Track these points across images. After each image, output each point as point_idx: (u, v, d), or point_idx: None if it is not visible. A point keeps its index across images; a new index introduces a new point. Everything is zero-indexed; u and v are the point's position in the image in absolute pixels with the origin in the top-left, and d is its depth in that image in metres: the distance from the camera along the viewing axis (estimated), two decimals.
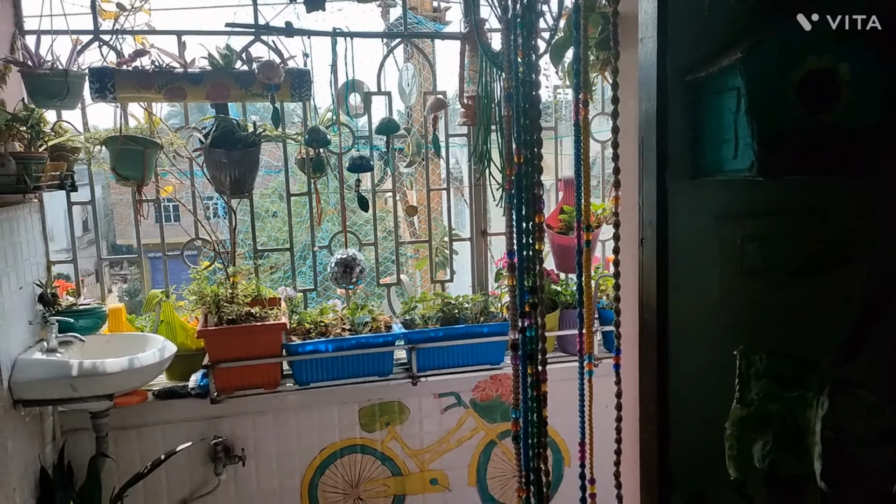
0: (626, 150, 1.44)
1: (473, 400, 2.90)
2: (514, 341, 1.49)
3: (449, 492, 2.93)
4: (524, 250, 1.47)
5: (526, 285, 1.47)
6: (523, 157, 1.43)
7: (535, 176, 1.44)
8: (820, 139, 1.15)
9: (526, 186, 1.45)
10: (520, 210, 1.46)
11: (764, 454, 1.09)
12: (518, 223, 1.47)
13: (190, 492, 2.71)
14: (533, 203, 1.45)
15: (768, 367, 1.12)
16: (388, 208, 3.02)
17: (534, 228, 1.45)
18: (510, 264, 1.48)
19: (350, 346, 2.66)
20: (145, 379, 2.38)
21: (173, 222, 3.52)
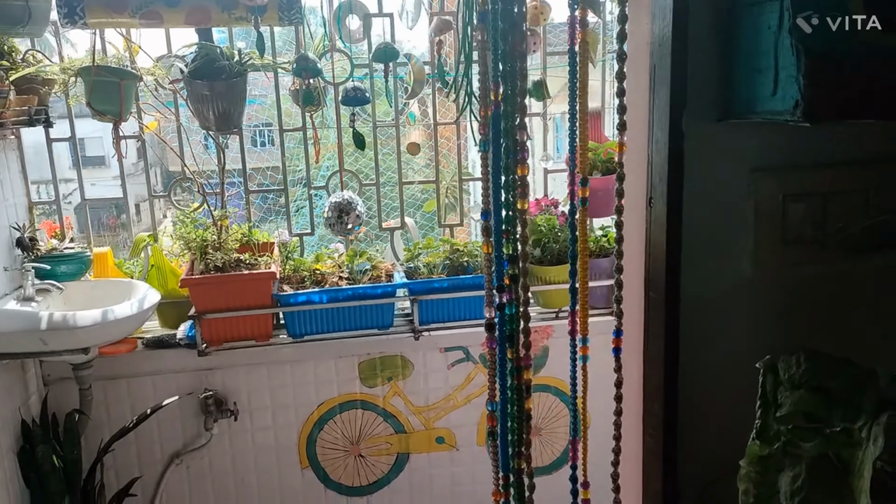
0: (634, 84, 1.14)
1: (483, 355, 2.68)
2: (490, 321, 1.24)
3: (456, 450, 2.75)
4: (503, 210, 1.21)
5: (505, 253, 1.21)
6: (501, 94, 1.14)
7: (517, 117, 1.16)
8: (890, 71, 0.84)
9: (505, 130, 1.17)
10: (497, 160, 1.19)
11: (793, 490, 0.83)
12: (495, 175, 1.20)
13: (183, 444, 2.59)
14: (514, 151, 1.17)
15: (806, 379, 0.84)
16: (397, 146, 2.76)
17: (514, 183, 1.18)
18: (485, 227, 1.22)
19: (346, 297, 2.45)
20: (122, 332, 2.22)
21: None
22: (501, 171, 1.22)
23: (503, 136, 1.19)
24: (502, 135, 1.20)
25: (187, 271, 2.40)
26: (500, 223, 1.23)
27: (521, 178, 1.21)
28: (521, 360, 1.25)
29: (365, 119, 2.81)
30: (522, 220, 1.23)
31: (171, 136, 2.76)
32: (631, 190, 1.24)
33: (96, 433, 2.50)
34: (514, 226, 1.23)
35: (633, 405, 1.29)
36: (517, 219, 1.23)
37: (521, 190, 1.22)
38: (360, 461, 2.71)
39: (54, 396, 2.46)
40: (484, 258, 1.24)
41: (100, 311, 2.09)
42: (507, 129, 1.17)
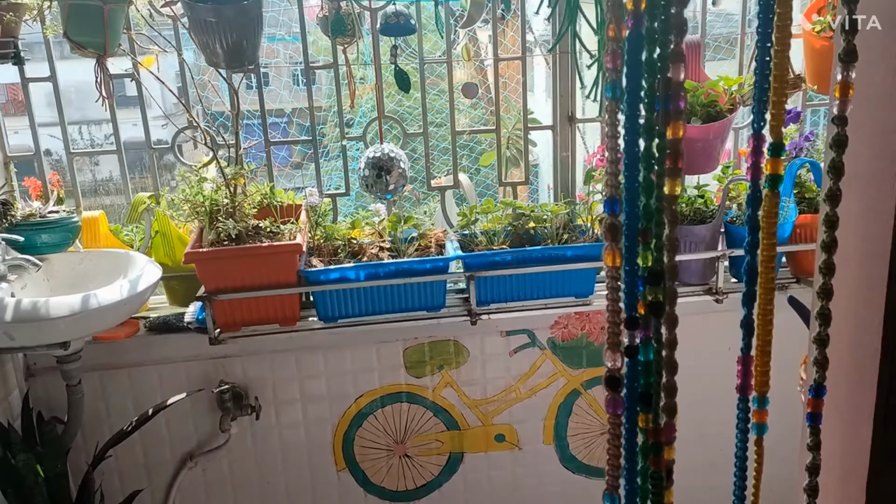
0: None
1: (552, 339, 2.23)
2: (615, 372, 0.78)
3: (519, 450, 2.33)
4: (641, 196, 0.74)
5: (641, 266, 0.76)
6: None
7: (672, 40, 0.68)
8: None
9: (648, 64, 0.68)
10: (634, 110, 0.71)
11: None
12: (630, 139, 0.73)
13: (197, 444, 2.20)
14: (665, 97, 0.69)
15: None
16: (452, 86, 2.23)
17: (661, 153, 0.71)
18: (610, 224, 0.74)
19: (388, 273, 1.99)
20: (110, 321, 1.80)
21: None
22: (640, 132, 0.75)
23: (645, 72, 0.71)
24: (644, 70, 0.72)
25: (193, 242, 1.96)
26: (634, 218, 0.77)
27: (674, 144, 0.73)
28: (662, 433, 0.80)
29: (410, 54, 2.30)
30: (672, 213, 0.76)
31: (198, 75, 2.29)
32: (857, 159, 0.76)
33: (94, 432, 2.12)
34: (658, 223, 0.76)
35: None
36: (664, 211, 0.75)
37: (673, 163, 0.73)
38: (406, 462, 2.30)
39: (41, 391, 2.07)
40: (608, 273, 0.77)
41: (78, 298, 1.66)
42: (653, 63, 0.68)
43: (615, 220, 0.78)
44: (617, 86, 0.73)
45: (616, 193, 0.77)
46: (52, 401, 2.07)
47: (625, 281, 0.79)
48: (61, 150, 2.13)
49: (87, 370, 2.06)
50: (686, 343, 0.86)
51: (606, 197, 0.79)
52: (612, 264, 0.78)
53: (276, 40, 4.32)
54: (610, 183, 0.80)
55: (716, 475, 2.38)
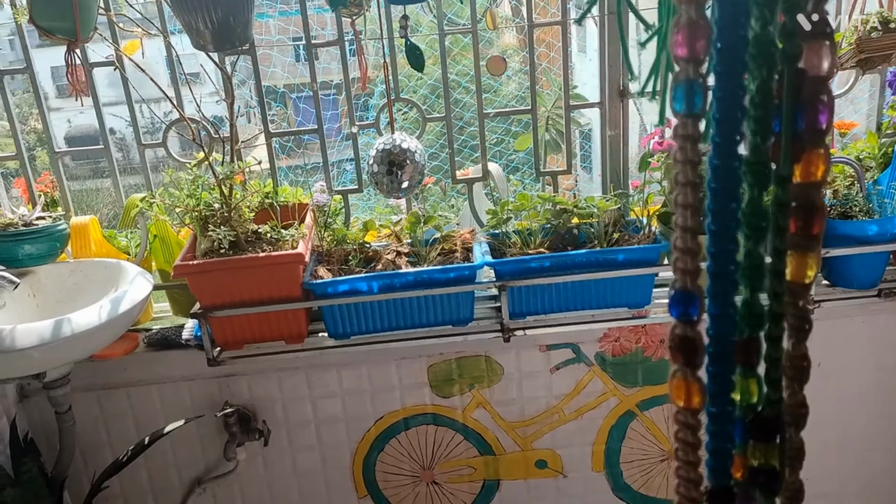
0: None
1: (601, 354, 1.91)
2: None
3: (563, 477, 2.04)
4: (742, 284, 0.43)
5: (740, 402, 0.45)
6: None
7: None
8: None
9: (757, 40, 0.36)
10: (730, 131, 0.39)
11: None
12: (723, 179, 0.41)
13: (205, 469, 2.00)
14: (800, 99, 0.37)
15: None
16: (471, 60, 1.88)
17: (786, 204, 0.39)
18: (682, 338, 0.44)
19: (405, 284, 1.71)
20: (90, 347, 1.60)
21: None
22: (742, 173, 0.44)
23: (754, 61, 0.39)
24: (753, 56, 0.40)
25: (185, 252, 1.73)
26: (726, 324, 0.47)
27: (807, 194, 0.42)
28: None
29: (431, 22, 1.98)
30: (800, 313, 0.45)
31: (190, 58, 2.05)
32: None
33: (95, 456, 1.95)
34: (772, 333, 0.46)
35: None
36: (786, 311, 0.45)
37: (804, 227, 0.43)
38: (435, 489, 2.04)
39: (35, 414, 1.91)
40: (678, 418, 0.47)
41: (49, 325, 1.45)
42: (769, 43, 0.36)
43: (691, 331, 0.48)
44: (696, 89, 0.41)
45: (691, 285, 0.46)
46: (48, 424, 1.90)
47: (710, 431, 0.49)
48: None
49: (82, 390, 1.89)
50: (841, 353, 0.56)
51: (677, 289, 0.48)
52: (687, 404, 0.47)
53: (263, 18, 4.00)
54: (681, 267, 0.49)
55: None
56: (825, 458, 2.00)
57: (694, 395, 0.53)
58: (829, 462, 2.02)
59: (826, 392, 1.94)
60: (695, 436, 0.55)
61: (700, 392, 0.53)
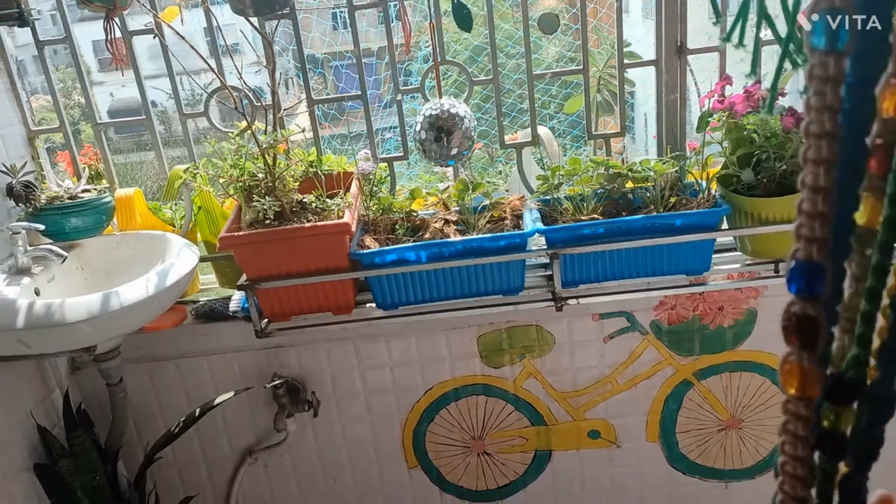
0: None
1: (656, 322, 1.85)
2: None
3: (617, 448, 1.99)
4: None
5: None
6: None
7: None
8: None
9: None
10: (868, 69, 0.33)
11: None
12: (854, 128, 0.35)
13: (256, 439, 2.01)
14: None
15: None
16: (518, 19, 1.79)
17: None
18: (803, 316, 0.38)
19: (454, 253, 1.66)
20: (138, 320, 1.58)
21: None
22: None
23: None
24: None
25: (230, 224, 1.70)
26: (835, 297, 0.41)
27: None
28: None
29: None
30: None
31: (227, 28, 2.00)
32: None
33: (148, 427, 1.97)
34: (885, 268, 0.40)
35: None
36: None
37: None
38: (486, 460, 2.02)
39: (88, 386, 1.93)
40: (787, 409, 0.41)
41: (98, 298, 1.45)
42: None
43: (812, 309, 0.42)
44: (842, 19, 0.35)
45: (818, 256, 0.40)
46: (101, 396, 1.92)
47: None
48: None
49: (133, 362, 1.90)
50: None
51: (799, 259, 0.43)
52: (800, 392, 0.42)
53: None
54: (806, 234, 0.43)
55: None
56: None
57: (810, 383, 0.48)
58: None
59: None
60: (806, 428, 0.50)
61: (817, 380, 0.48)
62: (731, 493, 2.03)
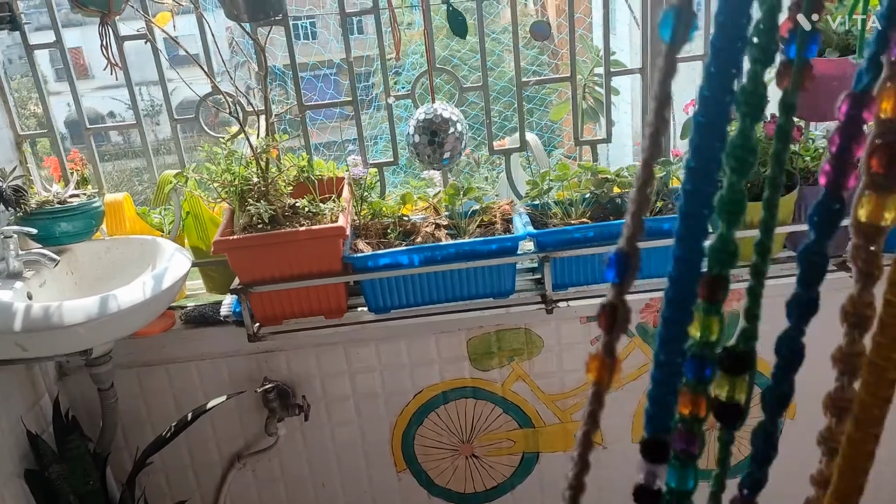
0: None
1: (642, 325, 1.89)
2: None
3: (603, 448, 2.03)
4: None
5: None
6: None
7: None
8: None
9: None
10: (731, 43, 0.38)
11: None
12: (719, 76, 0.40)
13: (244, 444, 2.01)
14: None
15: None
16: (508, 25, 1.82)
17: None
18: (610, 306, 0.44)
19: (447, 257, 1.69)
20: (134, 324, 1.59)
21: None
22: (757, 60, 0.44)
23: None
24: None
25: (223, 228, 1.71)
26: (694, 248, 0.48)
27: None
28: None
29: None
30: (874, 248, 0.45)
31: (220, 30, 2.01)
32: None
33: (136, 432, 1.96)
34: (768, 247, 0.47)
35: None
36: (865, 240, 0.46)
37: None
38: (474, 462, 2.04)
39: (76, 392, 1.91)
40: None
41: (96, 301, 1.45)
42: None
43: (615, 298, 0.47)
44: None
45: (628, 246, 0.45)
46: (89, 402, 1.90)
47: (655, 379, 0.49)
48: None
49: (122, 367, 1.88)
50: (810, 324, 0.56)
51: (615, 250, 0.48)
52: (598, 378, 0.47)
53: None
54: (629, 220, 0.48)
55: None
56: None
57: (604, 370, 0.51)
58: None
59: None
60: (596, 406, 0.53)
61: (609, 367, 0.52)
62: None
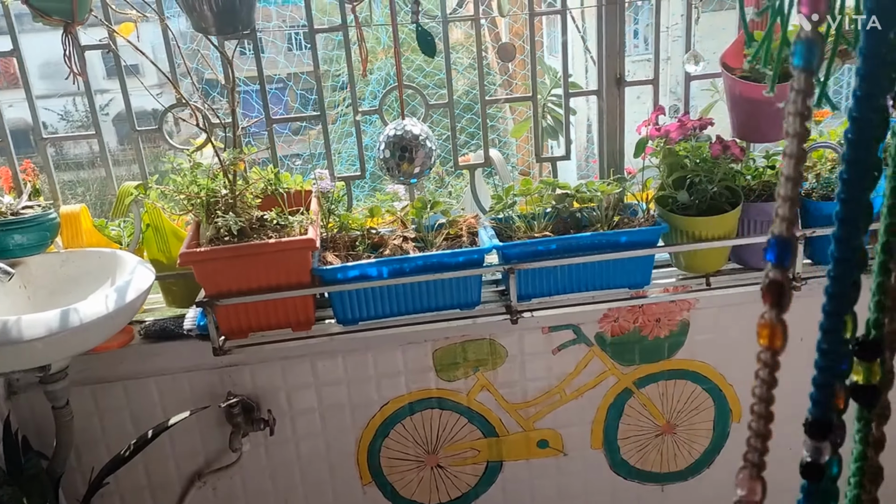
0: None
1: (601, 335, 1.97)
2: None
3: (564, 456, 2.09)
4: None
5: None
6: None
7: None
8: None
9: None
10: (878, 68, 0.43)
11: None
12: (867, 98, 0.46)
13: (205, 461, 1.97)
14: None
15: None
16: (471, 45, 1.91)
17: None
18: (772, 282, 0.49)
19: (415, 269, 1.72)
20: (96, 338, 1.55)
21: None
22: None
23: None
24: None
25: (189, 240, 1.69)
26: (852, 248, 0.53)
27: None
28: None
29: (425, 13, 1.99)
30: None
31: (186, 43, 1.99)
32: None
33: (90, 453, 1.89)
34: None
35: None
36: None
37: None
38: (439, 473, 2.06)
39: (26, 411, 1.84)
40: (761, 358, 0.53)
41: (56, 315, 1.41)
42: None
43: (782, 276, 0.52)
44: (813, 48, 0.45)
45: (788, 233, 0.50)
46: (40, 420, 1.83)
47: (819, 366, 0.54)
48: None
49: (77, 384, 1.82)
50: (754, 333, 0.62)
51: (774, 235, 0.52)
52: (770, 344, 0.51)
53: (269, 5, 3.97)
54: (782, 214, 0.52)
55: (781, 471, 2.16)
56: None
57: (777, 336, 0.57)
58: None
59: (807, 362, 2.04)
60: (772, 375, 0.59)
61: (783, 334, 0.57)
62: (668, 495, 2.16)
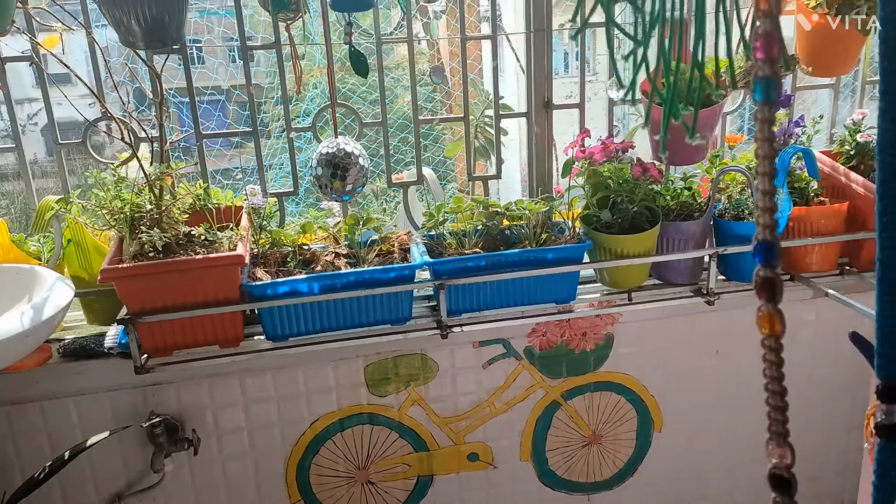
0: None
1: (529, 349, 2.02)
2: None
3: (493, 468, 2.12)
4: None
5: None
6: None
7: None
8: None
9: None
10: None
11: None
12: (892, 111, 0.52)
13: (126, 483, 1.91)
14: None
15: None
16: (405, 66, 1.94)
17: None
18: (764, 279, 0.55)
19: (346, 285, 1.73)
20: (10, 357, 1.49)
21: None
22: None
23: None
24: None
25: (111, 256, 1.65)
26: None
27: None
28: None
29: (362, 33, 2.02)
30: None
31: (114, 56, 1.95)
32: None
33: (3, 477, 1.81)
34: None
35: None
36: None
37: None
38: (369, 489, 2.06)
39: None
40: (765, 343, 0.58)
41: None
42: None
43: (772, 273, 0.57)
44: (771, 84, 0.49)
45: (771, 237, 0.55)
46: None
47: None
48: None
49: None
50: (674, 346, 0.66)
51: (760, 240, 0.57)
52: (771, 331, 0.56)
53: (209, 14, 3.93)
54: (762, 222, 0.57)
55: (702, 484, 2.26)
56: (732, 430, 2.22)
57: (776, 324, 0.62)
58: (727, 434, 2.23)
59: (722, 373, 2.15)
60: (778, 356, 0.64)
61: (781, 321, 0.63)
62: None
